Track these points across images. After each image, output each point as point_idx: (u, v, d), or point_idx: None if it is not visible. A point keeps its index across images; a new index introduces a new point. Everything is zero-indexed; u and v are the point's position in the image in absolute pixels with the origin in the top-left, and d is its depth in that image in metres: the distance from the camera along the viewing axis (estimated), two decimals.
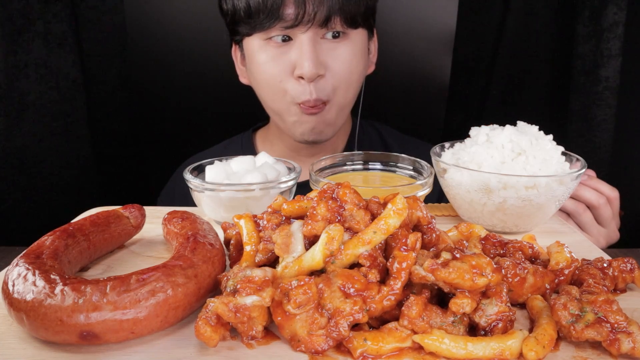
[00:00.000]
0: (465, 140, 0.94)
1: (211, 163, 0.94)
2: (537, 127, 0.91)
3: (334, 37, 1.19)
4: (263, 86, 1.24)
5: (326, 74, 1.19)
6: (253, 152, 1.44)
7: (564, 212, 1.11)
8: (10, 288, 0.57)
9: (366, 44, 1.29)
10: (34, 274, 0.57)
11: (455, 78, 1.80)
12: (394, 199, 0.60)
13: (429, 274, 0.55)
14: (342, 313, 0.54)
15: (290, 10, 1.13)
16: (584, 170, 0.85)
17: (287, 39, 1.18)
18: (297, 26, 1.14)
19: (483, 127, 0.92)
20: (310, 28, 1.14)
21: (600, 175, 1.10)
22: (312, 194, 0.68)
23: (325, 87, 1.19)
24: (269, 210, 0.69)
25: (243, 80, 1.38)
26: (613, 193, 1.09)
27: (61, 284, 0.55)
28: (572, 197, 1.09)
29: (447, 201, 0.98)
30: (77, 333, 0.53)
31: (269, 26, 1.15)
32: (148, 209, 0.88)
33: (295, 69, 1.17)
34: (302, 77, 1.17)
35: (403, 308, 0.55)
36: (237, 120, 1.54)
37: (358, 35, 1.24)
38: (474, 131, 0.92)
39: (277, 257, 0.63)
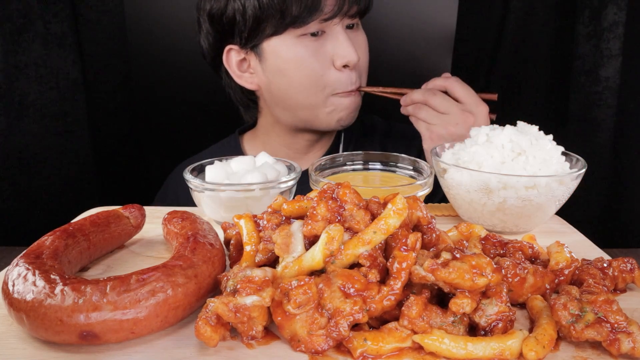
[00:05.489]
0: (465, 140, 0.94)
1: (211, 163, 0.94)
2: (537, 127, 0.91)
3: (351, 27, 1.25)
4: (301, 82, 1.23)
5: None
6: (242, 154, 1.42)
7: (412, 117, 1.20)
8: (10, 288, 0.57)
9: None
10: (34, 274, 0.57)
11: None
12: (394, 199, 0.60)
13: (429, 274, 0.55)
14: (342, 313, 0.54)
15: (330, 3, 1.16)
16: (584, 170, 0.85)
17: (318, 33, 1.20)
18: (334, 18, 1.17)
19: (483, 127, 0.92)
20: (342, 19, 1.19)
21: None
22: (312, 194, 0.68)
23: (360, 74, 1.27)
24: (269, 210, 0.69)
25: (250, 85, 1.32)
26: (446, 82, 1.19)
27: (61, 284, 0.55)
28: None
29: (447, 201, 0.98)
30: (77, 333, 0.53)
31: (310, 20, 1.16)
32: (148, 209, 0.88)
33: (337, 60, 1.21)
34: (345, 66, 1.21)
35: (403, 308, 0.55)
36: (238, 120, 1.53)
37: (360, 24, 1.31)
38: (474, 131, 0.92)
39: (277, 257, 0.63)
